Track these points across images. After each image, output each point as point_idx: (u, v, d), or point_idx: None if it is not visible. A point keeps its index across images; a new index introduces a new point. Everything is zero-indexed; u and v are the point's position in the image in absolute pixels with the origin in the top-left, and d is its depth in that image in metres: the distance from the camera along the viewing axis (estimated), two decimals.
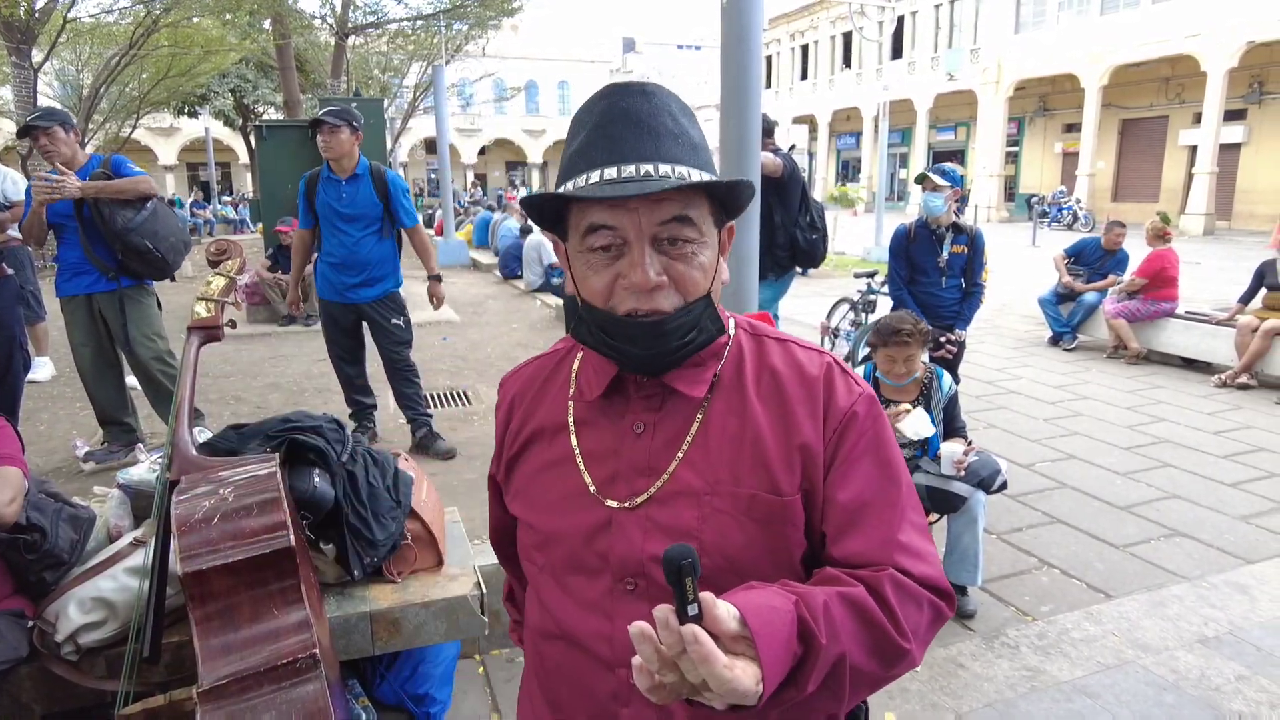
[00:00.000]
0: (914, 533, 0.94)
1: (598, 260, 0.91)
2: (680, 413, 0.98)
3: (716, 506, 0.93)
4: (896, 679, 0.90)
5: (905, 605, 0.86)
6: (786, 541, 0.94)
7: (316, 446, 2.15)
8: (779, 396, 0.97)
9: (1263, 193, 22.02)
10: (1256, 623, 2.93)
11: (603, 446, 0.99)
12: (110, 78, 13.91)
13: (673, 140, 0.89)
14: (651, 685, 0.70)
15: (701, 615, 0.68)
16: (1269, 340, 6.20)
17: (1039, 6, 26.24)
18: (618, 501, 0.96)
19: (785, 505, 0.93)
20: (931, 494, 3.02)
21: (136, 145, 32.43)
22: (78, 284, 4.01)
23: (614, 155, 0.88)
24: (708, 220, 0.93)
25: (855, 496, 0.93)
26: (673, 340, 0.91)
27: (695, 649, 0.66)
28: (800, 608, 0.78)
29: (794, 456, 0.94)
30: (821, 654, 0.77)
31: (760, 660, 0.70)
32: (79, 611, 1.90)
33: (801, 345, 1.03)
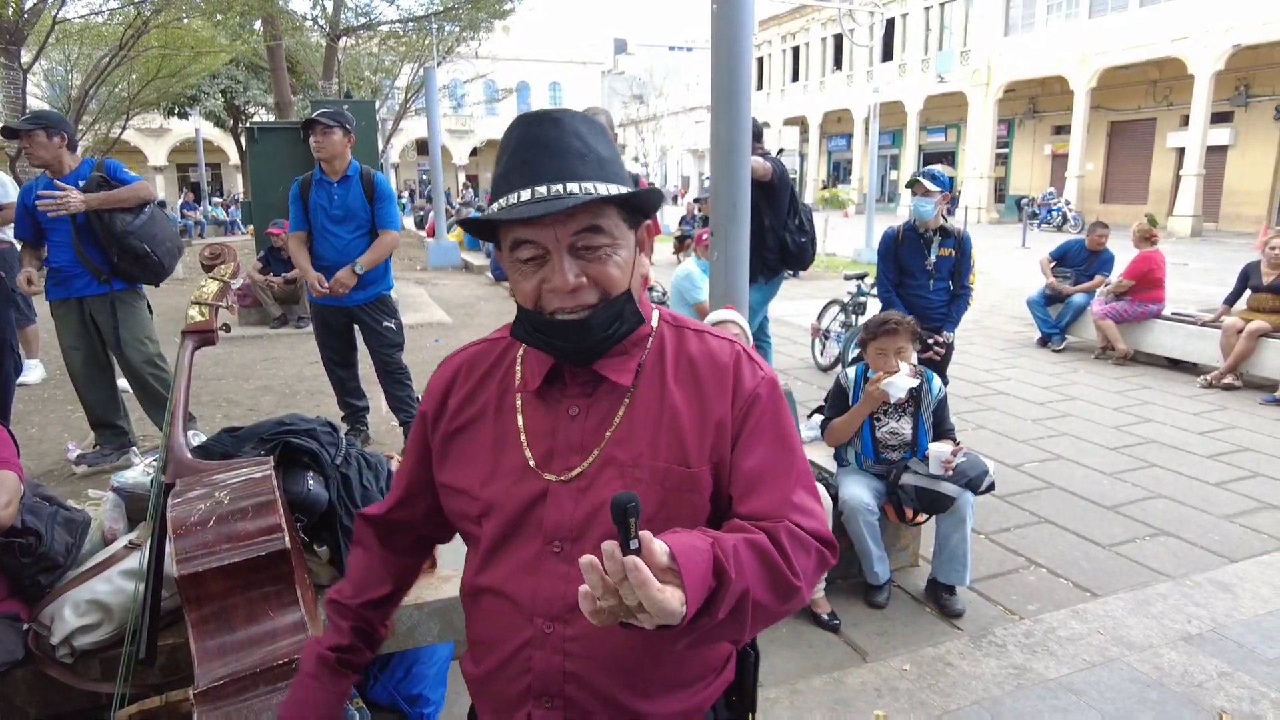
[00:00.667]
0: (805, 495, 1.10)
1: (526, 269, 1.05)
2: (609, 397, 1.12)
3: (638, 477, 1.09)
4: (789, 614, 1.04)
5: (797, 551, 1.02)
6: (692, 506, 1.10)
7: (310, 449, 2.17)
8: (695, 380, 1.13)
9: (1249, 195, 22.21)
10: (1239, 620, 2.97)
11: (542, 428, 1.13)
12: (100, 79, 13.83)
13: (579, 160, 1.02)
14: (593, 609, 0.82)
15: (640, 549, 0.81)
16: (1253, 341, 6.27)
17: (1028, 9, 26.39)
18: (554, 475, 1.11)
19: (694, 476, 1.09)
20: (920, 494, 3.05)
21: (126, 146, 32.25)
22: (69, 288, 4.02)
23: (528, 178, 1.01)
24: (619, 225, 1.06)
25: (757, 465, 1.10)
26: (597, 333, 1.06)
27: (635, 575, 0.78)
28: (715, 548, 0.91)
29: (708, 432, 1.10)
30: (731, 586, 0.89)
31: (685, 587, 0.83)
32: (74, 614, 1.91)
33: (715, 335, 1.18)
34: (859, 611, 3.09)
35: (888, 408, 3.22)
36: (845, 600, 3.14)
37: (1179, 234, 20.80)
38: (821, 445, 3.51)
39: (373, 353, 4.42)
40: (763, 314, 5.02)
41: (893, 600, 3.17)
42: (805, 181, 37.09)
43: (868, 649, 2.85)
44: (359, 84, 20.79)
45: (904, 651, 2.80)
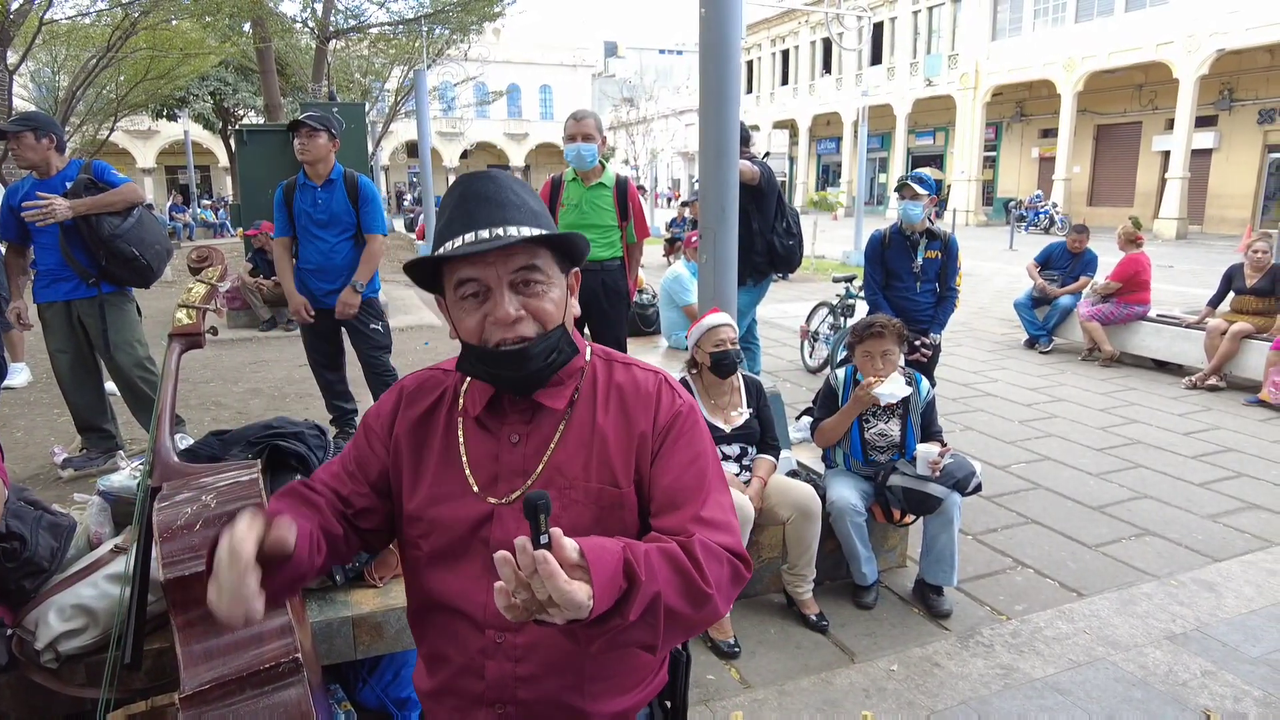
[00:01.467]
0: (717, 511, 1.17)
1: (469, 305, 1.16)
2: (547, 424, 1.23)
3: (573, 498, 1.19)
4: (705, 625, 1.08)
5: (710, 561, 1.07)
6: (622, 522, 1.20)
7: (298, 452, 2.17)
8: (622, 406, 1.24)
9: (1233, 197, 22.43)
10: (1222, 619, 3.00)
11: (485, 455, 1.23)
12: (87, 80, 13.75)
13: (515, 209, 1.16)
14: (508, 604, 0.87)
15: (551, 545, 0.86)
16: (1237, 343, 6.33)
17: (1015, 14, 26.58)
18: (498, 499, 1.21)
19: (622, 495, 1.20)
20: (908, 495, 3.07)
21: (114, 148, 32.03)
22: (57, 290, 3.99)
23: (470, 224, 1.13)
24: (553, 267, 1.18)
25: (673, 482, 1.19)
26: (537, 362, 1.16)
27: (543, 567, 0.84)
28: (626, 552, 0.96)
29: (631, 450, 1.21)
30: (641, 588, 0.94)
31: (593, 582, 0.88)
32: (59, 619, 1.90)
33: (640, 367, 1.30)
34: (847, 612, 3.10)
35: (876, 409, 3.24)
36: (833, 601, 3.15)
37: (1164, 236, 20.99)
38: (810, 446, 3.53)
39: (360, 355, 4.41)
40: (751, 316, 5.03)
41: (881, 601, 3.18)
42: (795, 184, 37.21)
43: (856, 650, 2.86)
44: (349, 86, 20.73)
45: (892, 652, 2.82)
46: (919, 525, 3.24)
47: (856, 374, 3.28)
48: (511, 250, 1.13)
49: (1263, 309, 6.46)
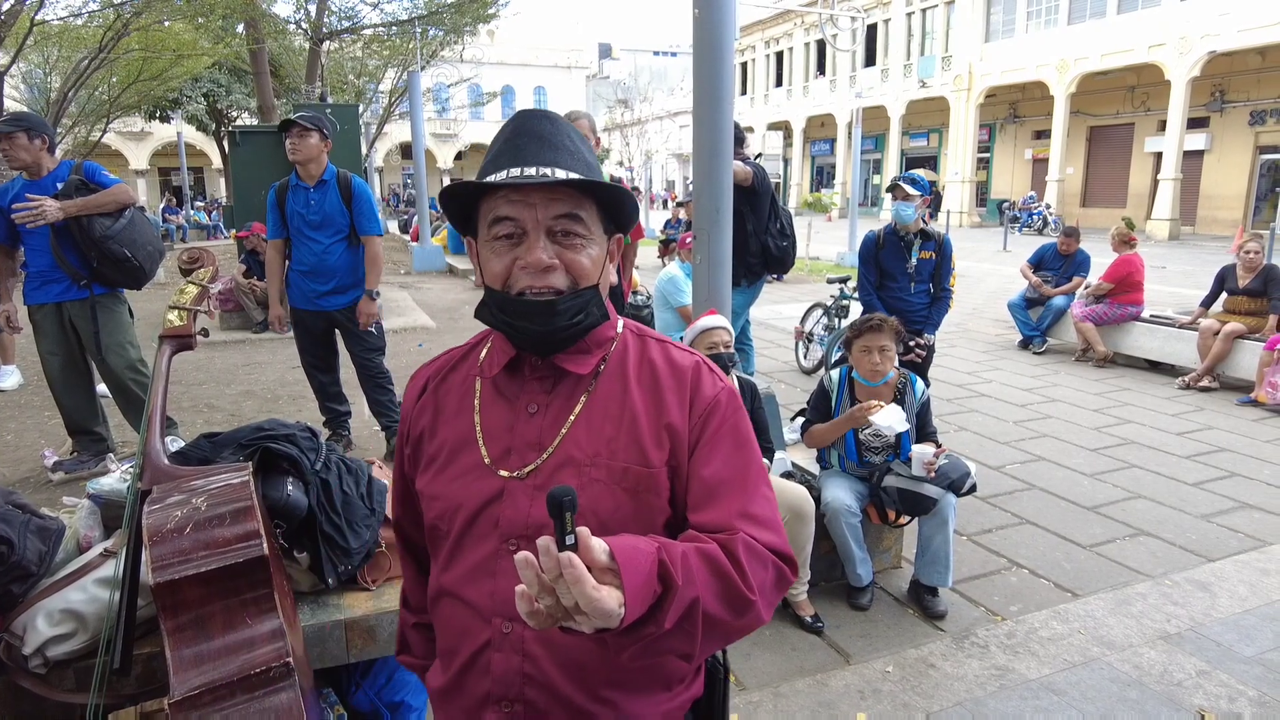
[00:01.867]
0: (763, 506, 1.08)
1: (500, 247, 1.06)
2: (568, 395, 1.12)
3: (594, 476, 1.07)
4: (747, 631, 1.00)
5: (753, 563, 0.98)
6: (651, 508, 1.08)
7: (290, 455, 2.15)
8: (654, 384, 1.13)
9: (1224, 198, 22.54)
10: (1216, 619, 3.00)
11: (500, 424, 1.13)
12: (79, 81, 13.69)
13: (569, 155, 1.05)
14: (530, 610, 0.79)
15: (577, 545, 0.78)
16: (1230, 343, 6.35)
17: (1009, 16, 26.67)
18: (509, 472, 1.09)
19: (652, 476, 1.08)
20: (903, 496, 3.07)
21: (107, 149, 31.91)
22: (48, 292, 3.96)
23: (518, 159, 1.03)
24: (596, 223, 1.08)
25: (715, 473, 1.08)
26: (562, 320, 1.05)
27: (569, 571, 0.75)
28: (661, 553, 0.88)
29: (662, 435, 1.09)
30: (678, 593, 0.86)
31: (624, 588, 0.80)
32: (48, 624, 1.88)
33: (677, 346, 1.19)
34: (842, 613, 3.10)
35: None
36: (828, 602, 3.15)
37: (1157, 237, 21.07)
38: (805, 447, 3.52)
39: (354, 357, 4.39)
40: (745, 317, 5.03)
41: (875, 602, 3.18)
42: (789, 186, 37.24)
43: (851, 651, 2.85)
44: (342, 88, 20.68)
45: (887, 653, 2.81)
46: (914, 526, 3.24)
47: (852, 373, 3.29)
48: (556, 194, 1.03)
49: (1255, 309, 6.48)
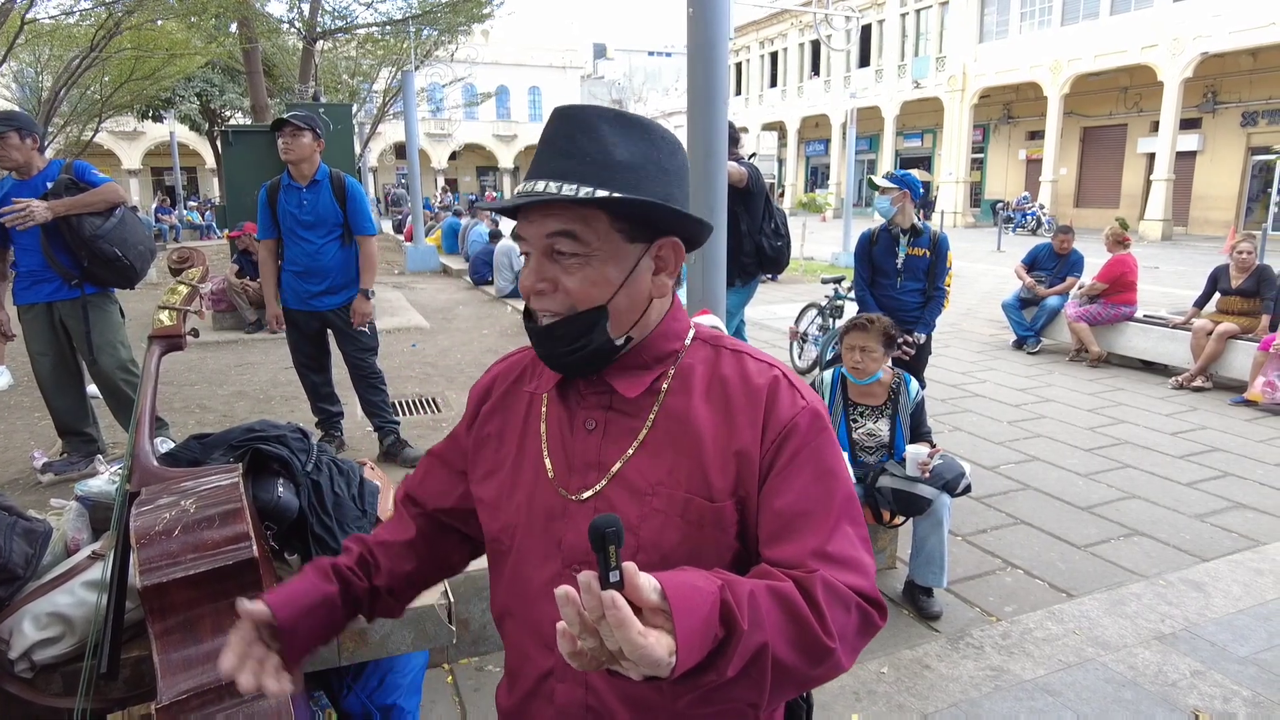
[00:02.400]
0: (848, 545, 0.95)
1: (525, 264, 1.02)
2: (629, 414, 1.03)
3: (655, 506, 0.98)
4: (823, 681, 0.89)
5: (833, 606, 0.87)
6: (717, 544, 0.98)
7: (280, 456, 2.13)
8: (725, 403, 1.01)
9: (1217, 199, 22.65)
10: (1211, 619, 3.01)
11: (560, 439, 1.06)
12: (71, 80, 13.62)
13: (582, 160, 0.94)
14: (572, 650, 0.72)
15: (623, 583, 0.70)
16: (1222, 343, 6.37)
17: (1002, 17, 26.76)
18: (570, 493, 1.03)
19: (716, 510, 0.97)
20: (897, 496, 3.06)
21: (99, 149, 31.77)
22: (38, 292, 3.93)
23: (534, 171, 0.97)
24: (607, 235, 0.96)
25: (790, 505, 0.96)
26: (561, 345, 0.99)
27: (613, 613, 0.68)
28: (725, 592, 0.78)
29: (729, 462, 0.98)
30: (742, 639, 0.77)
31: (676, 633, 0.71)
32: (34, 627, 1.86)
33: (755, 357, 1.06)
34: None
35: (864, 409, 3.24)
36: None
37: (1150, 237, 21.16)
38: None
39: (346, 357, 4.37)
40: (740, 317, 5.03)
41: None
42: (784, 186, 37.29)
43: None
44: (336, 87, 20.63)
45: (882, 654, 2.80)
46: (908, 527, 3.23)
47: (844, 374, 3.28)
48: (550, 210, 0.94)
49: (1248, 309, 6.50)
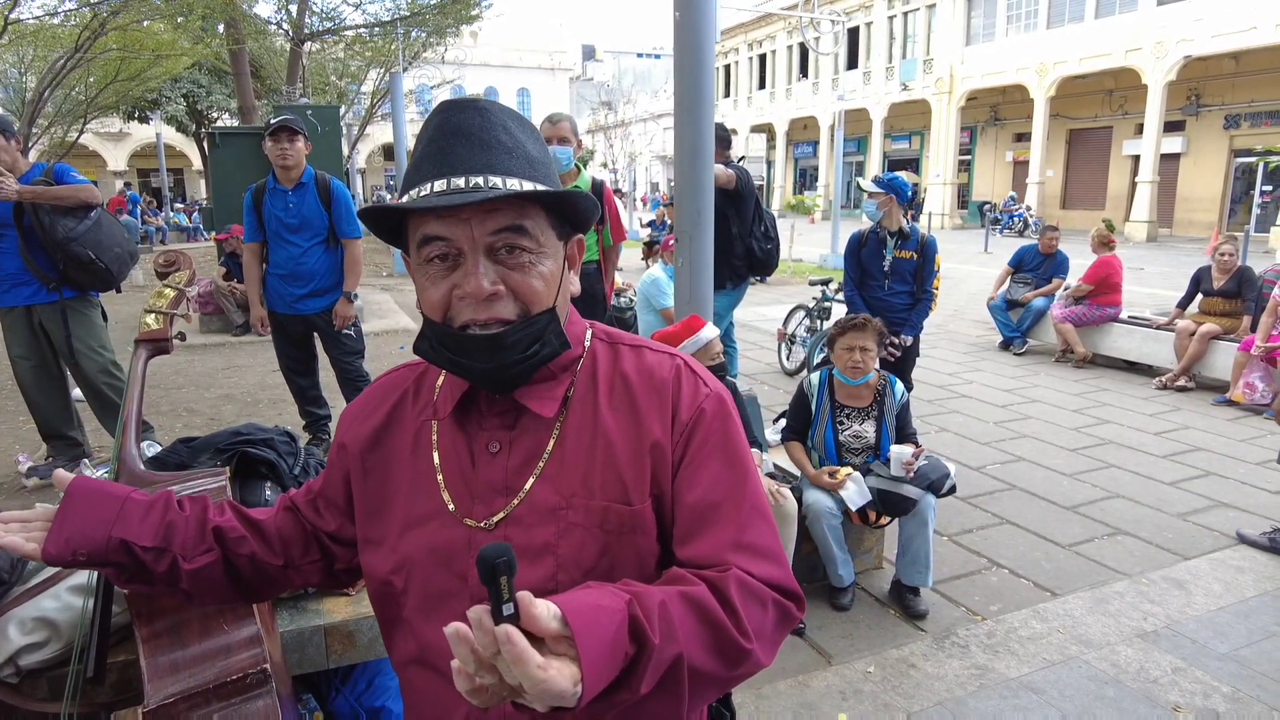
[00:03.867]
0: (760, 533, 0.93)
1: (434, 271, 0.91)
2: (535, 430, 0.97)
3: (572, 520, 0.93)
4: (743, 680, 0.87)
5: (749, 605, 0.85)
6: (638, 550, 0.94)
7: (268, 459, 2.13)
8: (630, 402, 0.97)
9: (1200, 201, 22.87)
10: (1192, 616, 3.04)
11: (460, 466, 0.98)
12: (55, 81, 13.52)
13: (505, 153, 0.90)
14: (471, 688, 0.68)
15: (518, 615, 0.66)
16: (1205, 343, 6.44)
17: (989, 20, 26.94)
18: (475, 521, 0.95)
19: (636, 514, 0.94)
20: (883, 497, 3.08)
21: (84, 150, 31.54)
22: (17, 295, 3.91)
23: (444, 168, 0.88)
24: (546, 231, 0.92)
25: (702, 497, 0.93)
26: (514, 353, 0.90)
27: (508, 649, 0.64)
28: (633, 606, 0.75)
29: (644, 459, 0.94)
30: (655, 653, 0.74)
31: (580, 660, 0.67)
32: (19, 632, 1.85)
33: (654, 349, 1.03)
34: (824, 614, 3.11)
35: (851, 410, 3.26)
36: (810, 603, 3.16)
37: (1135, 239, 21.34)
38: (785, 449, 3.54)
39: (333, 361, 4.36)
40: (729, 320, 5.05)
41: (857, 603, 3.20)
42: (772, 188, 37.40)
43: (832, 652, 2.86)
44: (324, 89, 20.56)
45: (868, 654, 2.83)
46: (894, 527, 3.26)
47: (832, 373, 3.30)
48: (493, 205, 0.87)
49: (1229, 310, 6.57)
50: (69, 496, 1.01)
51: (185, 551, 1.06)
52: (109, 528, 1.01)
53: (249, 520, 1.15)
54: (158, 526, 1.05)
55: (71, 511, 1.00)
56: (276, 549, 1.15)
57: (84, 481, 1.04)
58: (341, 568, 1.17)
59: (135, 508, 1.04)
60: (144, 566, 1.04)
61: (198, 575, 1.08)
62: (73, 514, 1.00)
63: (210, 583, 1.10)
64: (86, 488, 1.03)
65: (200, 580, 1.08)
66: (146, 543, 1.03)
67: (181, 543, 1.06)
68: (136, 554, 1.03)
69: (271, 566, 1.15)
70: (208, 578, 1.09)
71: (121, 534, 1.01)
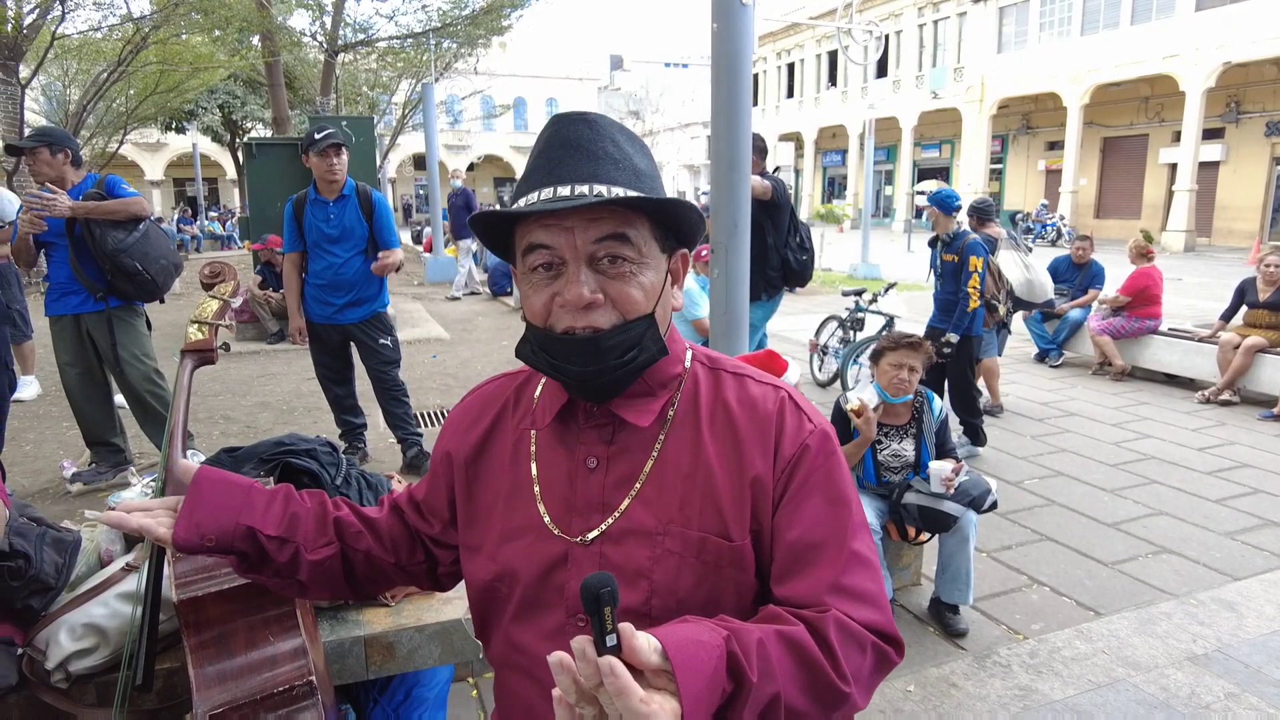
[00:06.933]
0: (861, 576, 0.92)
1: (538, 279, 0.93)
2: (633, 448, 0.98)
3: (668, 547, 0.93)
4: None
5: (847, 647, 0.85)
6: (736, 584, 0.94)
7: (310, 470, 2.15)
8: (732, 432, 0.97)
9: (1240, 210, 22.38)
10: (1244, 640, 2.95)
11: (557, 479, 1.00)
12: (98, 94, 13.87)
13: (612, 164, 0.91)
14: (571, 718, 0.69)
15: (620, 646, 0.67)
16: (1250, 357, 6.28)
17: (1021, 27, 26.67)
18: (572, 536, 0.97)
19: (735, 550, 0.93)
20: (923, 513, 3.03)
21: (123, 160, 32.31)
22: (66, 304, 3.99)
23: (552, 177, 0.90)
24: (649, 242, 0.93)
25: (802, 536, 0.92)
26: (610, 358, 0.91)
27: (611, 681, 0.64)
28: (731, 643, 0.75)
29: (745, 493, 0.94)
30: (752, 691, 0.74)
31: (680, 695, 0.68)
32: (70, 638, 1.88)
33: (758, 380, 1.02)
34: None
35: (889, 429, 3.22)
36: None
37: (1172, 249, 20.94)
38: None
39: (369, 370, 4.40)
40: (763, 331, 5.03)
41: (895, 620, 3.14)
42: (800, 197, 37.28)
43: None
44: (356, 99, 20.87)
45: (908, 672, 2.78)
46: (933, 543, 3.21)
47: (871, 385, 3.26)
48: (597, 214, 0.89)
49: (1275, 323, 6.40)
50: (196, 484, 1.05)
51: (308, 542, 1.11)
52: (237, 515, 1.06)
53: (365, 517, 1.19)
54: (281, 516, 1.09)
55: (200, 499, 1.04)
56: (388, 547, 1.19)
57: (210, 471, 1.08)
58: (444, 571, 1.22)
59: (260, 497, 1.09)
60: (266, 555, 1.08)
61: (318, 567, 1.12)
62: (201, 501, 1.04)
63: (328, 575, 1.14)
64: (213, 477, 1.07)
65: (319, 572, 1.12)
66: (272, 531, 1.08)
67: (305, 534, 1.11)
68: (261, 542, 1.07)
69: (385, 563, 1.19)
70: (327, 570, 1.13)
71: (249, 521, 1.06)
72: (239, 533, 1.05)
